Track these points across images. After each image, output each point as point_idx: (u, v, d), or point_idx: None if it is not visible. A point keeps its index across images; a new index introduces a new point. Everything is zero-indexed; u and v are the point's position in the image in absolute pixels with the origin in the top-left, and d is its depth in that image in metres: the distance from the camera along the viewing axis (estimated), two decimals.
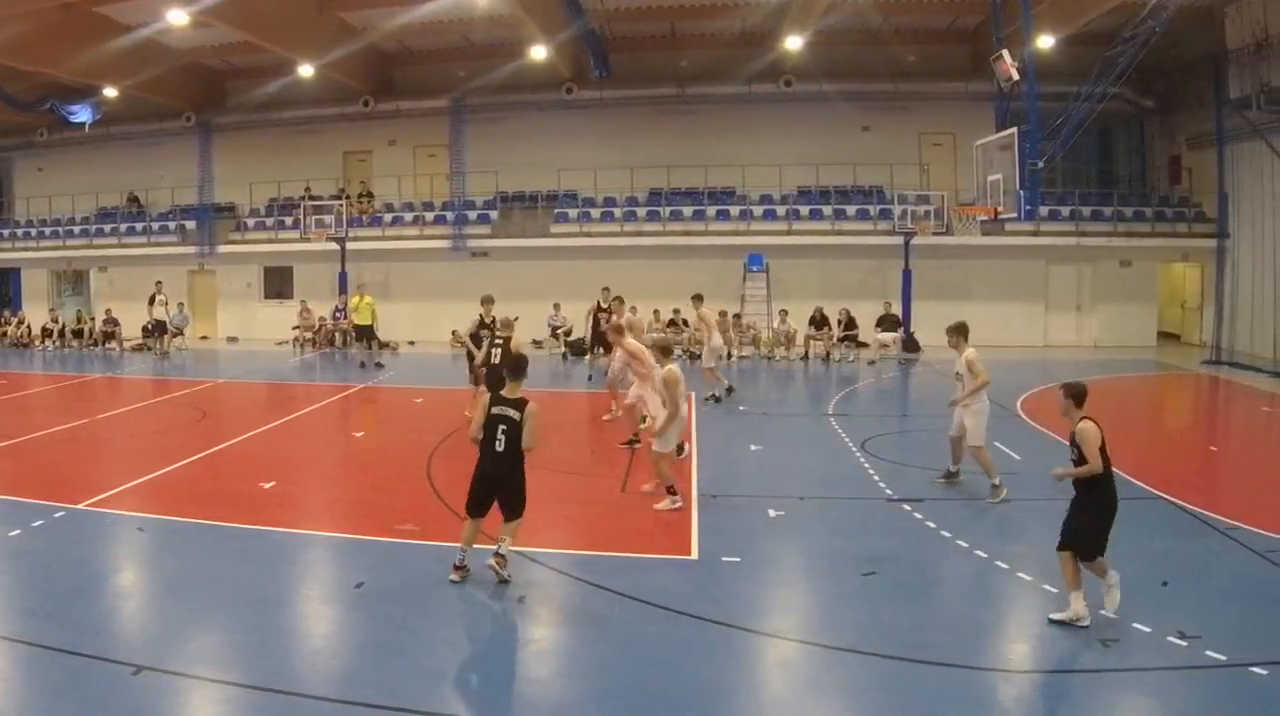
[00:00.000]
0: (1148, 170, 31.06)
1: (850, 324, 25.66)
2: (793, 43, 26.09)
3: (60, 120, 32.00)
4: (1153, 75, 27.28)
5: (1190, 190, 28.50)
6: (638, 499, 11.25)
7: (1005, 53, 20.52)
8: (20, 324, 30.70)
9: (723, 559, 9.14)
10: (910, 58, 28.98)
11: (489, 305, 16.42)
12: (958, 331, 11.74)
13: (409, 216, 31.29)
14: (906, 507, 10.90)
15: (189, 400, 19.37)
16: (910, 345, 26.65)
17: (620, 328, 14.43)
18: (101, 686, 6.48)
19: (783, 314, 26.45)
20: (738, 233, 28.82)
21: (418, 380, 22.12)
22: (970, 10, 26.67)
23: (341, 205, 29.20)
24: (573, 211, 30.07)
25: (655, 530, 10.16)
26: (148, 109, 32.00)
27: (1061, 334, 28.41)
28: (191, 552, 9.35)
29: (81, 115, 31.38)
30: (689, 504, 10.92)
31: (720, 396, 18.39)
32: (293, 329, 29.13)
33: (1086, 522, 7.43)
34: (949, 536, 9.82)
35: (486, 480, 8.38)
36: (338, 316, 28.48)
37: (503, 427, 8.24)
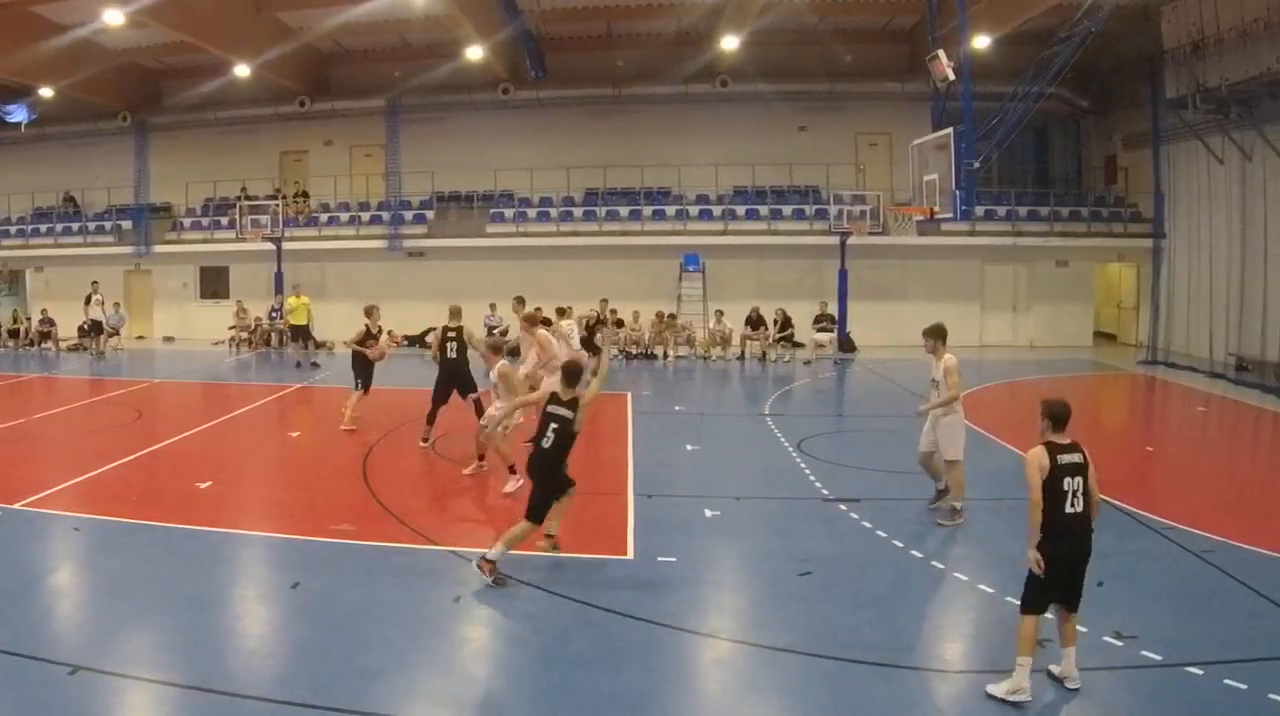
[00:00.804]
0: (1084, 170, 30.27)
1: (786, 324, 24.77)
2: (729, 43, 25.23)
3: None
4: (1089, 75, 26.51)
5: (1126, 190, 27.78)
6: (574, 499, 10.49)
7: (941, 53, 19.83)
8: None
9: (659, 559, 8.89)
10: (846, 58, 28.10)
11: (374, 315, 15.57)
12: (935, 334, 10.07)
13: (345, 216, 30.04)
14: (843, 507, 10.61)
15: (125, 400, 18.71)
16: (846, 345, 25.99)
17: (534, 318, 14.52)
18: (37, 686, 6.29)
19: (719, 314, 25.37)
20: (674, 233, 27.74)
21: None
22: (906, 10, 25.99)
23: (277, 205, 28.33)
24: (509, 211, 28.89)
25: (592, 530, 9.82)
26: (84, 109, 30.56)
27: (998, 334, 27.53)
28: (127, 552, 9.13)
29: (17, 115, 29.70)
30: (627, 503, 10.65)
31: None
32: (229, 329, 28.00)
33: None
34: (885, 536, 9.56)
35: (530, 470, 8.55)
36: (274, 316, 27.58)
37: (554, 426, 8.30)
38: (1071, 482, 6.07)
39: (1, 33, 23.59)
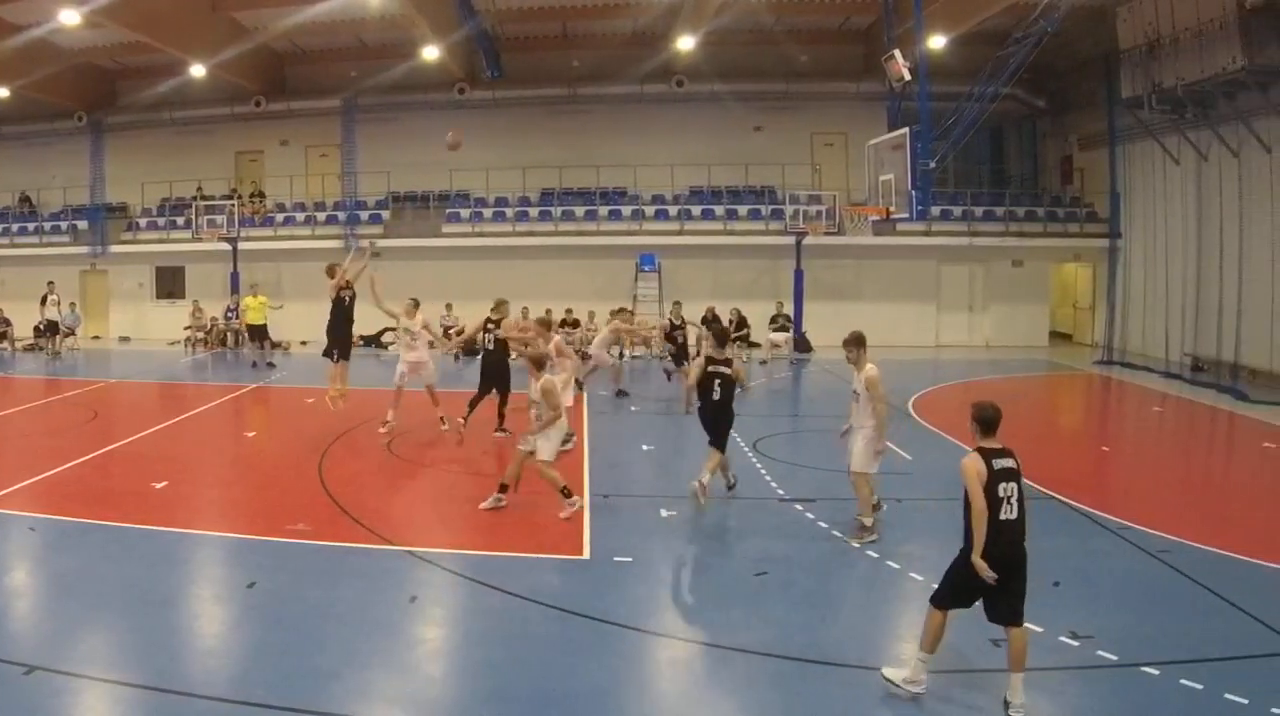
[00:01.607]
0: (1040, 170, 29.27)
1: (742, 324, 23.64)
2: (685, 43, 24.11)
3: None
4: (1045, 75, 25.39)
5: (1082, 190, 26.77)
6: (530, 498, 10.28)
7: (897, 52, 19.24)
8: None
9: (615, 559, 8.60)
10: (802, 58, 27.02)
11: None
12: (856, 343, 9.11)
13: (301, 216, 28.64)
14: (798, 507, 10.26)
15: (81, 400, 17.99)
16: (802, 345, 25.05)
17: (548, 323, 13.96)
18: None
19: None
20: (630, 232, 26.56)
21: (310, 380, 20.20)
22: (862, 10, 25.06)
23: (233, 205, 27.34)
24: (464, 211, 27.58)
25: (548, 530, 9.48)
26: (39, 109, 29.04)
27: (954, 334, 26.49)
28: (83, 552, 8.79)
29: None
30: (582, 503, 10.14)
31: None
32: (185, 329, 26.67)
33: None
34: (841, 536, 9.22)
35: (705, 420, 10.02)
36: (230, 316, 26.20)
37: (719, 381, 9.88)
38: (1006, 488, 5.73)
39: None
